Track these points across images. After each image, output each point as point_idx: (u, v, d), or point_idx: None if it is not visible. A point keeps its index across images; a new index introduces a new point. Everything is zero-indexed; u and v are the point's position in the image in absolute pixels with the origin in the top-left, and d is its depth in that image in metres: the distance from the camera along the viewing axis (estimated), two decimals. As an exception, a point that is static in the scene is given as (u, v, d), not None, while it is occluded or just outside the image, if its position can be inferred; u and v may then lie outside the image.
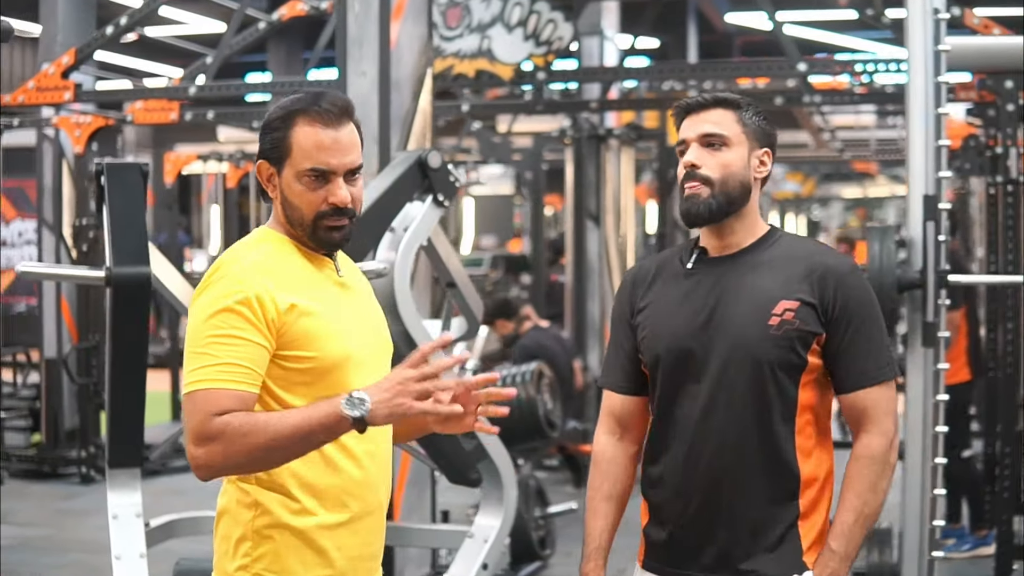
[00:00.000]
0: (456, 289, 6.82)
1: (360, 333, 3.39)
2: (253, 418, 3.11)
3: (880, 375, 3.59)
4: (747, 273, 3.63)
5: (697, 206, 3.62)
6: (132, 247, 5.72)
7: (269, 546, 3.25)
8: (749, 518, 3.57)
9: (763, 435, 3.55)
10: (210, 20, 18.64)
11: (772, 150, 3.74)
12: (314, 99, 3.35)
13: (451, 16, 10.72)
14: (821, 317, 3.55)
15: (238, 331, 3.16)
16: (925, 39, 5.94)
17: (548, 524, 8.98)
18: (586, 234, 12.99)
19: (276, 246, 3.36)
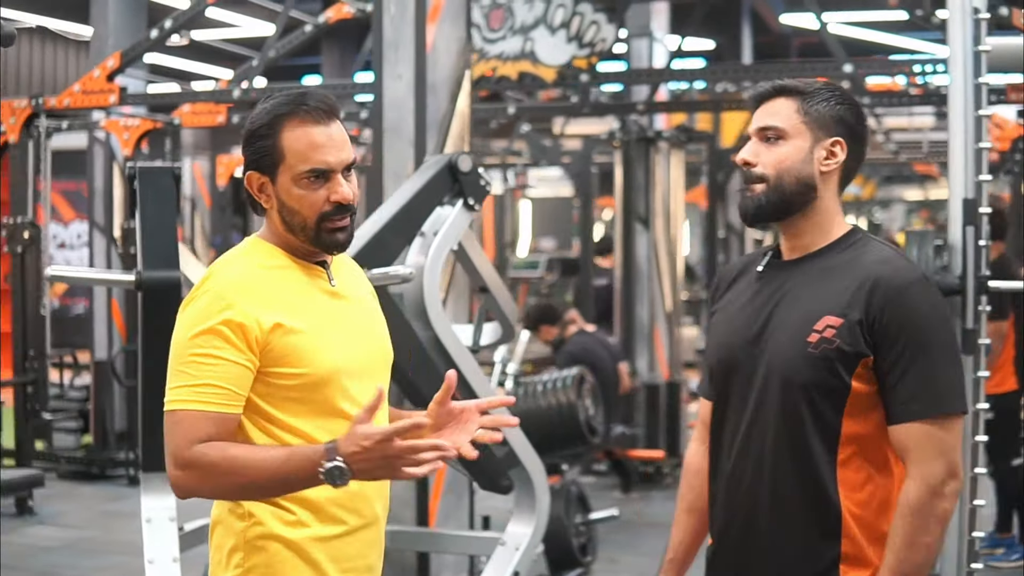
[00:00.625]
0: (489, 294, 6.76)
1: (353, 344, 3.32)
2: (231, 456, 3.07)
3: (928, 409, 3.19)
4: (809, 281, 3.34)
5: (746, 204, 3.41)
6: (163, 251, 5.72)
7: (261, 557, 3.21)
8: (783, 552, 3.33)
9: (799, 464, 3.28)
10: (262, 23, 18.67)
11: (848, 139, 3.39)
12: (298, 100, 3.27)
13: (494, 18, 10.66)
14: (867, 336, 3.21)
15: (218, 351, 3.11)
16: (965, 39, 5.81)
17: (589, 530, 8.89)
18: (635, 237, 12.89)
19: (265, 258, 3.30)
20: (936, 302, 3.28)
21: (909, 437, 3.20)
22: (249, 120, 3.31)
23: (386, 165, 7.39)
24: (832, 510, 3.27)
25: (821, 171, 3.36)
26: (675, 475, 12.74)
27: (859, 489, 3.27)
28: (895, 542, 3.19)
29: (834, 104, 3.38)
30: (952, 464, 3.19)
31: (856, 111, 3.42)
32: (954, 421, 3.21)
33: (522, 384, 8.77)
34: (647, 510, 11.33)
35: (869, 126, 3.48)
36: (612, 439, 11.12)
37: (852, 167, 3.43)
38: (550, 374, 8.94)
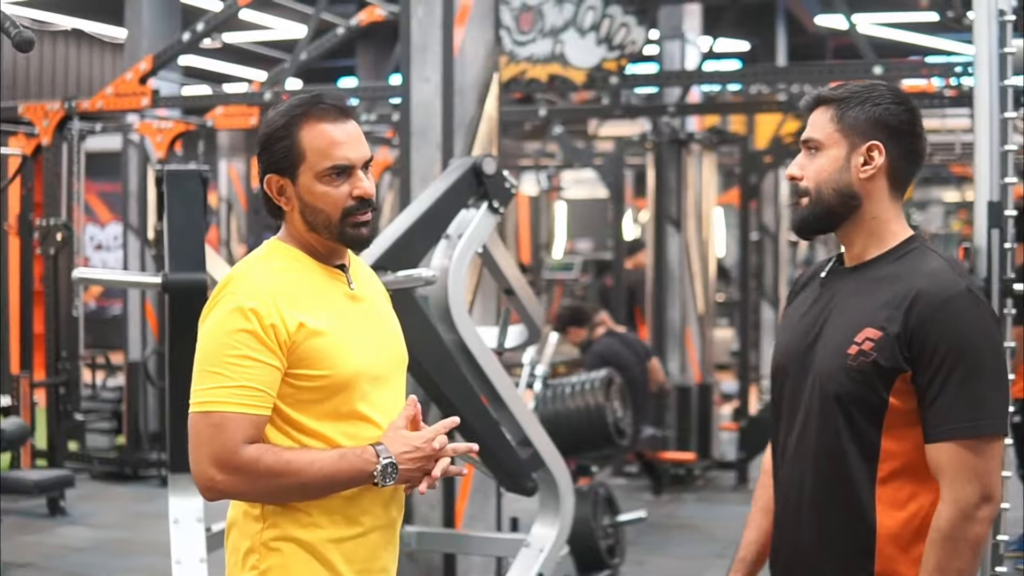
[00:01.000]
0: (514, 296, 6.77)
1: (372, 348, 3.37)
2: (285, 459, 3.14)
3: (959, 430, 3.10)
4: (859, 291, 3.28)
5: (793, 218, 3.40)
6: (189, 253, 5.76)
7: (277, 558, 3.24)
8: (822, 565, 3.31)
9: (837, 479, 3.24)
10: (296, 24, 18.73)
11: (888, 141, 3.29)
12: (313, 100, 3.32)
13: (524, 20, 10.66)
14: (905, 352, 3.13)
15: (252, 352, 3.14)
16: (991, 41, 5.80)
17: (617, 532, 8.89)
18: (667, 239, 12.89)
19: (287, 261, 3.33)
20: (978, 318, 3.15)
21: (942, 458, 3.13)
22: (263, 125, 3.35)
23: (413, 168, 7.41)
24: (867, 527, 3.22)
25: (860, 178, 3.29)
26: (706, 477, 12.77)
27: (901, 507, 3.21)
28: (927, 566, 3.13)
29: (870, 107, 3.30)
30: (986, 488, 3.11)
31: (900, 109, 3.32)
32: (990, 443, 3.12)
33: (551, 386, 8.77)
34: (678, 512, 11.34)
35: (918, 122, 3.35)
36: (643, 441, 11.11)
37: (902, 167, 3.34)
38: (578, 376, 8.93)
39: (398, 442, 3.23)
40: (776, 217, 18.10)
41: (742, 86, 12.91)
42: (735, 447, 13.04)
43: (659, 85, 12.85)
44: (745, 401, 13.44)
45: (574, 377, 8.91)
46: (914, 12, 16.51)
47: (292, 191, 3.29)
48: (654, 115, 13.02)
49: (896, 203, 3.34)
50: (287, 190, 3.30)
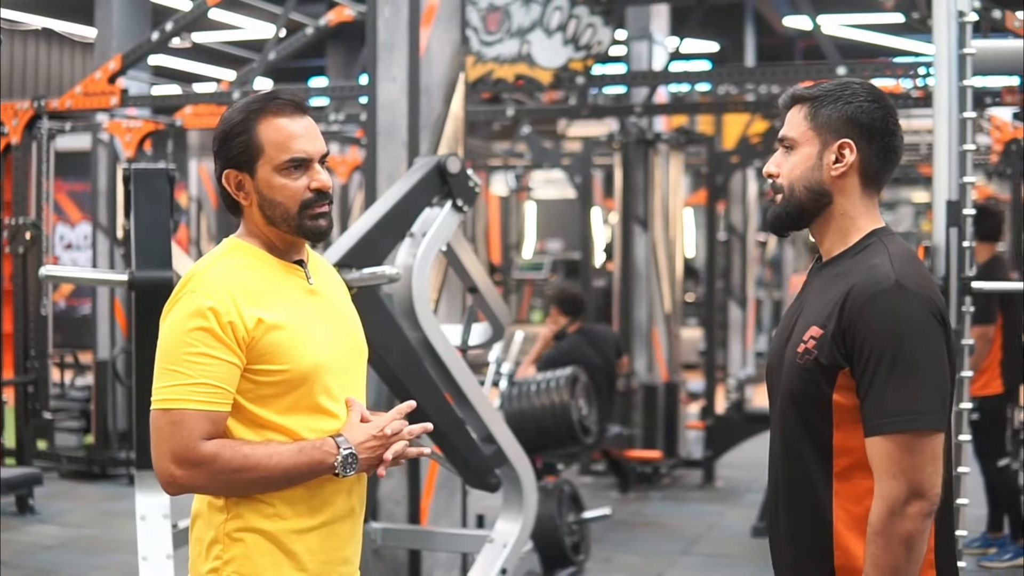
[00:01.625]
0: (479, 294, 6.81)
1: (331, 341, 3.42)
2: (244, 453, 3.20)
3: (886, 425, 3.08)
4: (820, 288, 3.32)
5: (768, 215, 3.45)
6: (156, 251, 5.78)
7: (240, 549, 3.28)
8: (790, 558, 3.35)
9: (797, 475, 3.28)
10: (266, 24, 18.73)
11: (859, 138, 3.30)
12: (269, 96, 3.39)
13: (491, 21, 10.70)
14: (840, 348, 3.15)
15: (210, 349, 3.19)
16: (950, 42, 5.85)
17: (582, 529, 8.95)
18: (634, 239, 12.94)
19: (245, 257, 3.38)
20: (907, 312, 3.12)
21: (873, 453, 3.12)
22: (221, 123, 3.40)
23: (380, 167, 7.45)
24: (825, 523, 3.24)
25: (832, 175, 3.32)
26: (672, 476, 12.82)
27: (858, 502, 3.20)
28: (867, 562, 3.13)
29: (842, 105, 3.32)
30: (914, 484, 3.06)
31: (873, 106, 3.33)
32: (920, 439, 3.07)
33: (516, 384, 8.81)
34: (644, 510, 11.38)
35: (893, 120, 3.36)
36: (609, 439, 11.13)
37: (875, 165, 3.34)
38: (544, 374, 8.97)
39: (357, 431, 3.30)
40: (744, 217, 18.20)
41: (711, 86, 12.98)
42: (701, 446, 13.09)
43: (627, 85, 12.89)
44: (712, 400, 13.50)
45: (539, 375, 8.95)
46: (880, 13, 16.57)
47: (251, 185, 3.35)
48: (621, 115, 13.06)
49: (868, 200, 3.35)
50: (245, 185, 3.36)
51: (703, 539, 10.31)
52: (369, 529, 7.00)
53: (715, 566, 9.40)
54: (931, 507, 3.09)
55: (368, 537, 7.00)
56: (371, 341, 5.65)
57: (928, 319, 3.14)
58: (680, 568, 9.36)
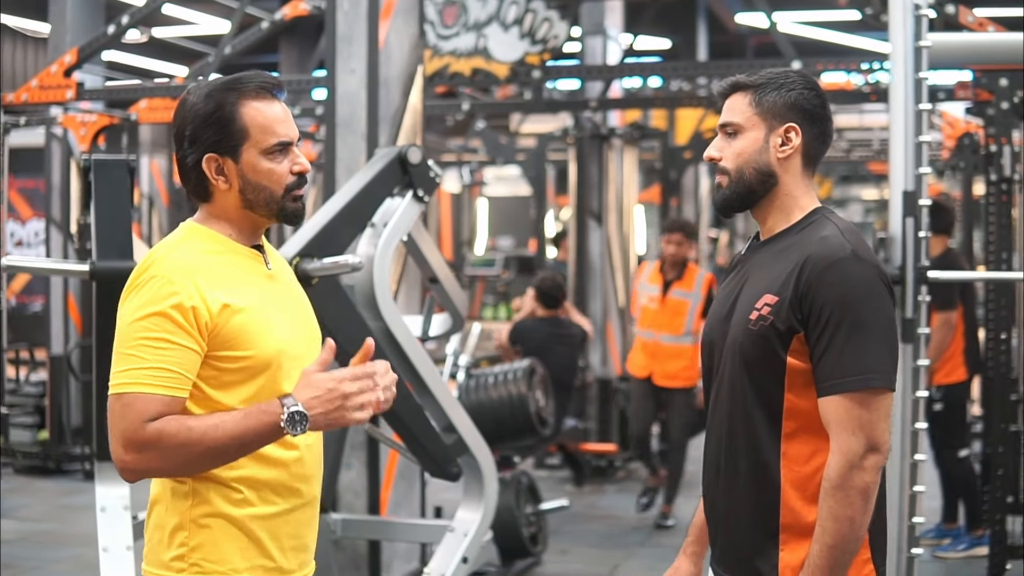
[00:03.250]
0: (439, 285, 6.83)
1: (291, 326, 3.39)
2: (187, 426, 3.10)
3: (843, 384, 3.25)
4: (765, 262, 3.48)
5: (715, 197, 3.58)
6: (117, 241, 5.77)
7: (206, 535, 3.23)
8: (735, 521, 3.48)
9: (744, 437, 3.41)
10: (221, 20, 18.69)
11: (803, 123, 3.48)
12: (247, 79, 3.34)
13: (447, 14, 10.73)
14: (797, 314, 3.29)
15: (168, 335, 3.11)
16: (906, 35, 5.92)
17: (540, 521, 8.99)
18: (588, 233, 12.99)
19: (206, 242, 3.32)
20: (863, 279, 3.29)
21: (830, 411, 3.27)
22: (195, 105, 3.31)
23: (339, 158, 7.47)
24: (772, 482, 3.37)
25: (779, 157, 3.48)
26: (627, 469, 12.86)
27: (804, 462, 3.36)
28: (821, 515, 3.27)
29: (786, 91, 3.48)
30: (871, 439, 3.24)
31: (811, 93, 3.50)
32: (875, 396, 3.25)
33: (473, 376, 8.84)
34: (599, 503, 11.44)
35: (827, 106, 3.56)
36: (565, 433, 11.17)
37: (815, 148, 3.54)
38: (501, 366, 9.00)
39: (306, 388, 3.15)
40: (696, 212, 18.25)
41: (663, 81, 13.04)
42: (656, 439, 13.13)
43: (582, 79, 12.93)
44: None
45: (497, 367, 8.98)
46: (834, 10, 16.69)
47: (233, 170, 3.30)
48: (576, 110, 13.11)
49: (807, 180, 3.55)
50: (226, 169, 3.30)
51: (659, 531, 10.35)
52: (329, 520, 7.02)
53: (672, 557, 9.37)
54: (884, 461, 3.30)
55: (328, 528, 7.03)
56: (332, 331, 5.72)
57: (880, 286, 3.33)
58: (638, 559, 9.41)
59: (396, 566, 7.72)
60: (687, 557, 3.83)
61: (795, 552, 3.36)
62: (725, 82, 3.60)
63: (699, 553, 3.83)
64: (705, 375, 3.67)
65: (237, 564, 3.25)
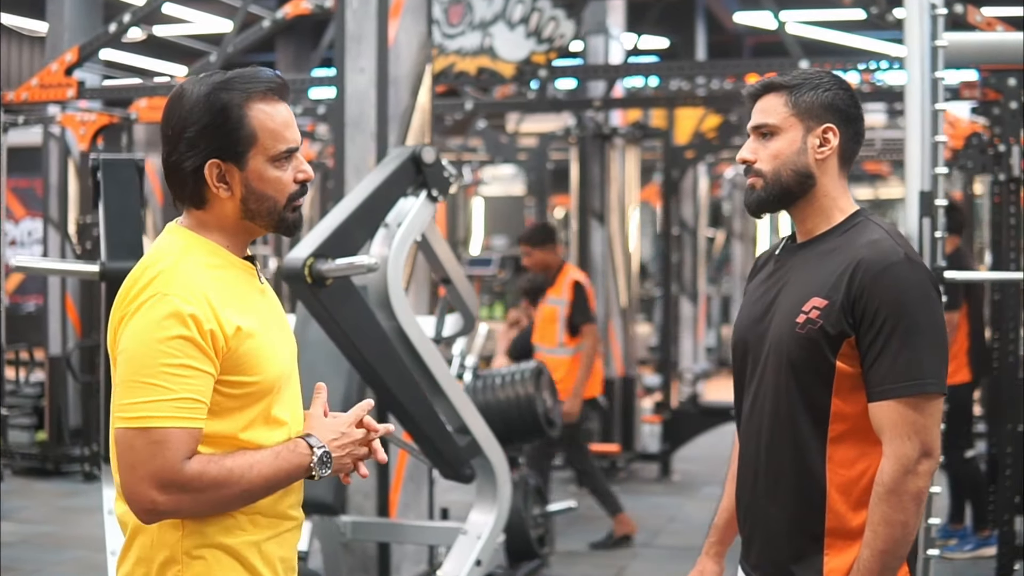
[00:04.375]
0: (451, 285, 6.81)
1: (282, 345, 3.20)
2: (227, 468, 2.95)
3: (898, 389, 3.24)
4: (808, 265, 3.45)
5: (748, 199, 3.55)
6: (126, 241, 5.74)
7: (201, 567, 3.03)
8: (774, 524, 3.46)
9: (789, 441, 3.40)
10: (219, 19, 18.64)
11: (840, 123, 3.47)
12: (253, 78, 3.10)
13: (453, 13, 10.68)
14: (848, 318, 3.29)
15: (192, 360, 2.91)
16: (922, 35, 5.89)
17: (547, 522, 8.94)
18: (591, 233, 12.97)
19: (208, 255, 3.09)
20: (917, 283, 3.29)
21: (883, 416, 3.27)
22: (197, 104, 3.04)
23: (348, 158, 7.44)
24: (817, 486, 3.36)
25: (817, 159, 3.46)
26: (629, 469, 12.84)
27: (850, 466, 3.35)
28: (873, 520, 3.26)
29: (822, 92, 3.47)
30: (925, 444, 3.24)
31: (846, 94, 3.50)
32: (929, 401, 3.26)
33: (480, 377, 8.79)
34: (603, 504, 11.41)
35: (860, 106, 3.55)
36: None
37: (851, 148, 3.52)
38: (508, 367, 8.95)
39: (325, 430, 3.12)
40: (695, 213, 18.24)
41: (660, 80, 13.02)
42: (657, 440, 13.13)
43: (586, 78, 12.91)
44: (668, 394, 13.53)
45: (504, 368, 8.94)
46: (838, 9, 16.66)
47: (237, 177, 3.07)
48: (579, 109, 13.09)
49: (844, 181, 3.54)
50: (230, 176, 3.07)
51: (664, 532, 10.34)
52: (339, 523, 6.98)
53: (678, 558, 9.41)
54: (936, 465, 3.30)
55: (337, 531, 6.99)
56: (346, 332, 5.69)
57: (932, 290, 3.34)
58: (643, 560, 9.39)
59: (405, 568, 7.68)
60: (710, 557, 3.84)
61: (840, 556, 3.36)
62: (757, 83, 3.57)
63: (722, 553, 3.85)
64: (737, 377, 3.64)
65: None
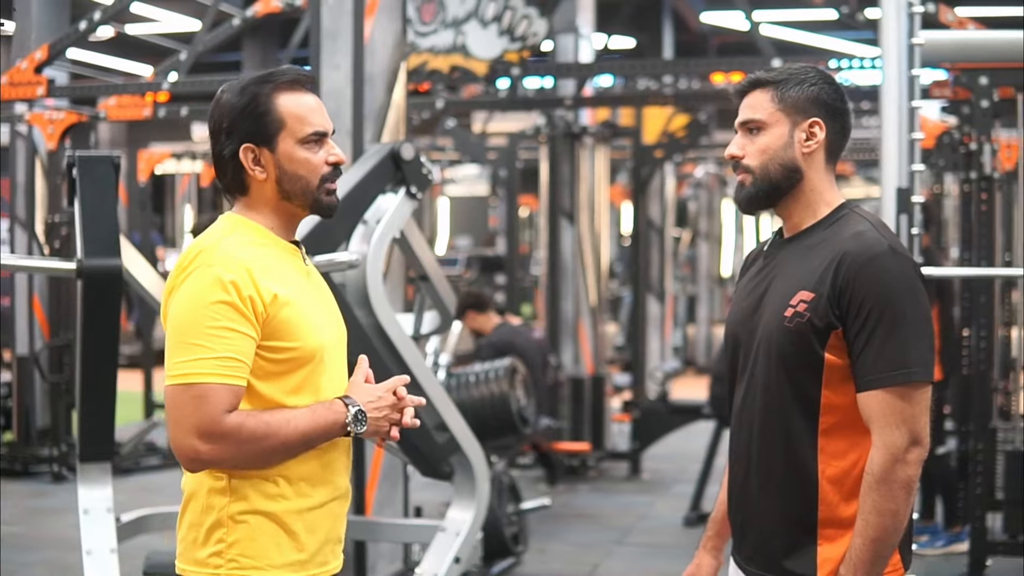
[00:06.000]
0: (429, 283, 6.80)
1: (327, 323, 3.45)
2: (265, 421, 3.22)
3: (886, 379, 3.27)
4: (795, 258, 3.48)
5: (738, 196, 3.56)
6: (103, 239, 5.69)
7: (244, 531, 3.28)
8: (767, 516, 3.49)
9: (780, 433, 3.42)
10: (186, 18, 18.59)
11: (826, 117, 3.49)
12: (281, 73, 3.40)
13: (426, 11, 10.68)
14: (835, 310, 3.31)
15: (232, 323, 3.19)
16: (899, 33, 5.92)
17: (521, 520, 8.96)
18: (561, 232, 12.98)
19: (251, 235, 3.37)
20: (902, 274, 3.32)
21: (872, 406, 3.29)
22: (231, 100, 3.37)
23: (324, 155, 7.41)
24: (809, 477, 3.38)
25: (803, 152, 3.48)
26: (599, 468, 12.85)
27: (841, 457, 3.37)
28: (864, 508, 3.28)
29: (808, 87, 3.48)
30: (914, 432, 3.26)
31: (832, 88, 3.52)
32: (916, 390, 3.28)
33: (454, 375, 8.81)
34: (573, 502, 11.43)
35: (846, 99, 3.58)
36: (538, 432, 11.16)
37: (837, 141, 3.54)
38: (482, 365, 8.97)
39: (363, 393, 3.34)
40: (662, 212, 18.27)
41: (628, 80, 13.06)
42: (627, 438, 13.15)
43: (558, 76, 12.93)
44: (638, 393, 13.55)
45: (478, 366, 8.95)
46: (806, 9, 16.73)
47: (270, 159, 3.35)
48: (549, 108, 13.11)
49: (830, 175, 3.55)
50: (263, 159, 3.36)
51: (635, 530, 10.35)
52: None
53: (651, 556, 9.44)
54: (925, 454, 3.31)
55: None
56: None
57: (917, 280, 3.36)
58: (616, 558, 9.40)
59: (380, 567, 7.68)
60: (707, 552, 3.84)
61: (833, 546, 3.38)
62: (744, 80, 3.58)
63: (719, 547, 3.85)
64: (730, 372, 3.67)
65: (274, 559, 3.30)
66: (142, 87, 11.56)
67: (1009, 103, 8.70)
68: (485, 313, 11.36)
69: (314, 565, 3.37)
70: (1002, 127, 9.84)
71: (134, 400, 13.99)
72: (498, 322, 11.46)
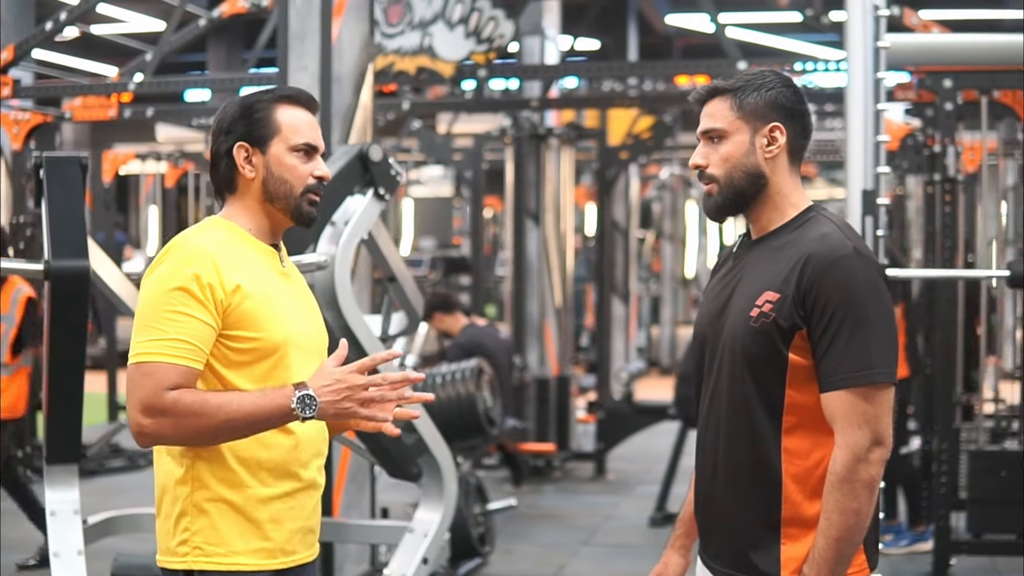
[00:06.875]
0: (397, 284, 6.81)
1: (300, 320, 3.60)
2: (205, 399, 3.33)
3: (849, 379, 3.30)
4: (761, 260, 3.50)
5: (707, 206, 3.59)
6: (71, 240, 5.67)
7: (206, 520, 3.42)
8: (733, 515, 3.50)
9: (745, 432, 3.43)
10: (151, 18, 18.55)
11: (786, 120, 3.49)
12: (287, 89, 3.67)
13: (392, 13, 10.69)
14: (799, 310, 3.34)
15: (187, 308, 3.35)
16: (865, 36, 5.97)
17: (488, 521, 8.98)
18: (526, 233, 13.01)
19: (226, 233, 3.55)
20: (865, 276, 3.34)
21: (835, 406, 3.31)
22: (233, 106, 3.62)
23: (291, 156, 7.41)
24: (773, 477, 3.40)
25: (766, 158, 3.50)
26: (564, 469, 12.88)
27: (805, 456, 3.40)
28: (827, 508, 3.31)
29: (766, 91, 3.49)
30: (877, 432, 3.29)
31: (789, 91, 3.53)
32: (879, 391, 3.31)
33: (421, 376, 8.81)
34: (539, 503, 11.45)
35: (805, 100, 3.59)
36: (503, 432, 11.17)
37: (798, 143, 3.55)
38: (448, 366, 8.98)
39: (319, 377, 3.37)
40: (626, 213, 18.31)
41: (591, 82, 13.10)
42: (592, 439, 13.18)
43: (524, 78, 12.96)
44: (603, 394, 13.59)
45: (444, 367, 8.96)
46: (770, 12, 16.79)
47: (260, 161, 3.56)
48: (515, 109, 13.13)
49: (795, 177, 3.57)
50: (255, 158, 3.56)
51: (601, 530, 10.38)
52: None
53: (617, 556, 9.47)
54: (888, 454, 3.34)
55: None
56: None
57: (881, 282, 3.39)
58: (582, 558, 9.43)
59: (347, 568, 7.68)
60: (675, 550, 3.85)
61: (797, 545, 3.40)
62: (702, 88, 3.60)
63: (687, 546, 3.86)
64: (697, 372, 3.69)
65: (236, 546, 3.43)
66: (107, 88, 11.53)
67: (973, 106, 8.78)
68: (452, 314, 11.39)
69: (282, 554, 3.48)
70: (966, 129, 9.91)
71: (99, 402, 13.94)
72: (465, 323, 11.48)
